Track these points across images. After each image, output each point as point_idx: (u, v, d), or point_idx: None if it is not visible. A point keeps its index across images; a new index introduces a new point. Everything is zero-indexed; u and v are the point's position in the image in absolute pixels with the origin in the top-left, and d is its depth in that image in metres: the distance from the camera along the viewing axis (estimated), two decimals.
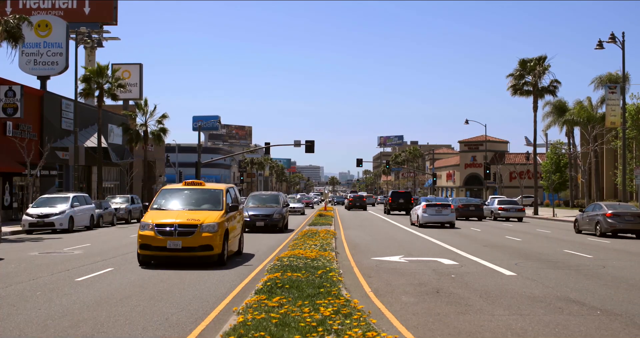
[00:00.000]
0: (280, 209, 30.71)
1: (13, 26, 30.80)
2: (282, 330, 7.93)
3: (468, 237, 28.71)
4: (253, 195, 33.42)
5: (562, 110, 63.32)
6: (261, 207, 30.91)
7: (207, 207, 17.27)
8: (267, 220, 29.67)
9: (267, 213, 29.94)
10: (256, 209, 30.43)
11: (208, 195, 17.97)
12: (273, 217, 29.80)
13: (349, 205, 73.95)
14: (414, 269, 16.31)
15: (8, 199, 39.94)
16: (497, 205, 47.25)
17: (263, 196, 33.02)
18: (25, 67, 50.23)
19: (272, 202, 31.65)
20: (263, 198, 32.34)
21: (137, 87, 64.34)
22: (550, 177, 65.84)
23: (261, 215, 29.79)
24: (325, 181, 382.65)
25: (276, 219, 29.85)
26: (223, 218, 16.69)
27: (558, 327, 9.63)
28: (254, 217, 29.61)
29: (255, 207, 30.77)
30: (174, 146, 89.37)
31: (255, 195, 33.60)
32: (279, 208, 30.73)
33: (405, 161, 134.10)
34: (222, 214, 16.82)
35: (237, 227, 18.64)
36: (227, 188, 18.59)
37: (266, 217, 29.76)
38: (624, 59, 40.10)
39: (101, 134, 46.21)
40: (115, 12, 61.52)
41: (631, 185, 48.65)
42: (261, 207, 30.80)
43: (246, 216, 28.12)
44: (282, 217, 30.28)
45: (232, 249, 18.02)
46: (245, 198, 36.12)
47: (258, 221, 29.51)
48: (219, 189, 18.22)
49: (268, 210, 30.30)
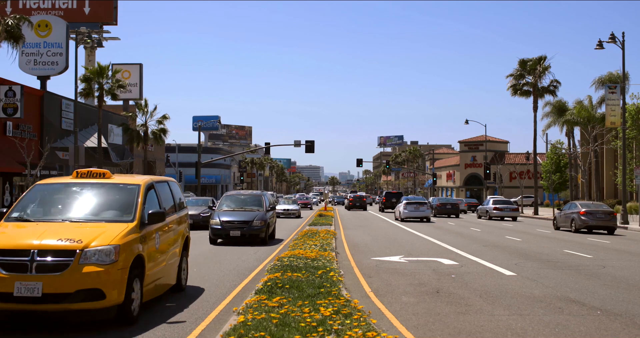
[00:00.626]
0: (263, 214, 24.08)
1: (13, 26, 30.82)
2: (282, 330, 7.93)
3: (468, 237, 28.71)
4: (228, 196, 26.71)
5: (562, 110, 63.26)
6: (238, 211, 24.51)
7: (109, 216, 10.39)
8: (245, 229, 23.26)
9: (244, 220, 23.54)
10: (231, 214, 24.04)
11: (114, 196, 10.95)
12: (253, 225, 23.29)
13: (349, 205, 74.01)
14: (414, 269, 16.32)
15: (8, 199, 39.95)
16: (492, 205, 48.72)
17: (241, 197, 26.37)
18: (25, 67, 50.22)
19: (252, 205, 25.14)
20: (241, 200, 25.89)
21: (137, 87, 64.34)
22: (550, 177, 65.83)
23: (237, 222, 23.40)
24: (325, 181, 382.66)
25: (257, 227, 23.32)
26: (132, 236, 9.74)
27: (558, 327, 9.63)
28: (228, 224, 23.35)
29: (229, 212, 24.37)
30: (174, 146, 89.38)
31: (231, 195, 26.88)
32: (261, 213, 24.10)
33: (405, 161, 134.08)
34: (130, 229, 9.82)
35: (172, 249, 11.72)
36: (151, 183, 11.52)
37: (243, 225, 23.38)
38: (624, 59, 40.10)
39: (101, 134, 46.19)
40: (115, 12, 61.52)
41: (631, 185, 48.64)
42: (238, 211, 24.41)
43: (217, 223, 23.33)
44: (265, 224, 23.54)
45: (165, 282, 11.39)
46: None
47: (233, 230, 23.20)
48: (134, 185, 11.09)
49: (246, 215, 23.88)
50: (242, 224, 23.39)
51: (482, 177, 79.20)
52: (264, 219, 23.73)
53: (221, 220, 23.44)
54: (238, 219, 23.56)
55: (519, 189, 69.85)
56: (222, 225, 23.33)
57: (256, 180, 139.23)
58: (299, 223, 38.58)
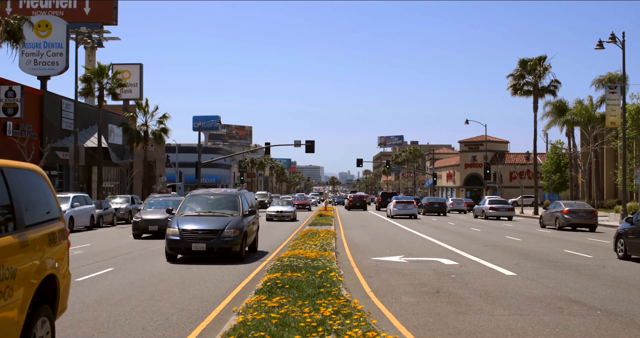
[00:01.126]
0: (239, 220, 18.44)
1: (13, 26, 30.82)
2: (282, 330, 7.93)
3: (468, 237, 28.72)
4: (194, 196, 20.45)
5: (562, 110, 63.25)
6: (205, 216, 18.80)
7: None
8: (214, 240, 17.58)
9: (212, 228, 17.80)
10: (195, 220, 18.27)
11: None
12: (224, 235, 17.65)
13: (349, 205, 74.02)
14: (414, 269, 16.32)
15: None
16: (488, 204, 49.85)
17: (210, 197, 20.19)
18: (26, 67, 50.27)
19: (225, 208, 19.34)
20: (210, 201, 19.86)
21: (137, 87, 64.38)
22: (551, 177, 65.83)
23: (202, 232, 17.72)
24: (326, 181, 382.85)
25: (229, 238, 17.66)
26: None
27: (558, 327, 9.63)
28: (189, 234, 17.65)
29: (193, 217, 18.61)
30: (174, 146, 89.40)
31: (197, 195, 20.58)
32: (235, 219, 18.41)
33: (405, 161, 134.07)
34: None
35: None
36: None
37: (211, 235, 17.69)
38: (624, 59, 40.08)
39: (101, 134, 46.20)
40: (115, 12, 61.59)
41: (631, 185, 48.63)
42: (205, 217, 18.72)
43: (175, 233, 17.65)
44: (240, 233, 18.01)
45: None
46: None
47: (196, 242, 17.53)
48: None
49: (215, 222, 18.09)
50: (208, 234, 17.70)
51: (482, 177, 79.23)
52: (240, 227, 18.10)
53: (181, 229, 17.69)
54: (203, 227, 17.85)
55: (519, 189, 69.88)
56: (182, 235, 17.58)
57: (256, 180, 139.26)
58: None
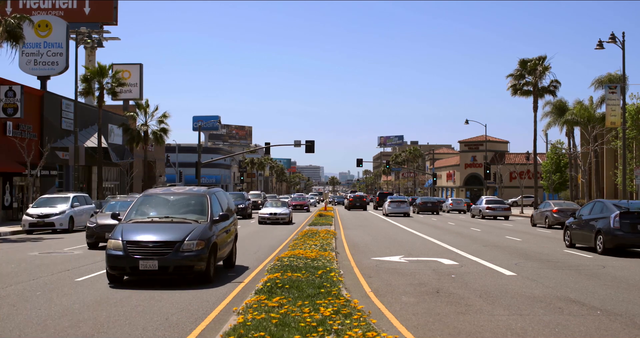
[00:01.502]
0: (205, 229, 14.03)
1: (13, 26, 30.80)
2: (282, 330, 7.93)
3: (468, 237, 28.71)
4: (148, 196, 15.72)
5: (562, 110, 63.20)
6: (160, 222, 14.31)
7: None
8: (169, 257, 13.20)
9: (168, 240, 13.41)
10: (146, 229, 13.89)
11: None
12: (182, 249, 13.33)
13: (348, 205, 74.00)
14: (414, 269, 16.31)
15: (8, 199, 39.94)
16: (485, 204, 50.69)
17: (170, 198, 15.58)
18: (26, 67, 50.25)
19: (188, 212, 14.86)
20: (170, 204, 15.34)
21: (137, 87, 64.34)
22: (551, 177, 65.81)
23: (153, 245, 13.35)
24: (326, 181, 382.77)
25: (190, 253, 13.31)
26: None
27: (558, 327, 9.63)
28: (136, 248, 13.33)
29: (144, 224, 14.21)
30: (174, 146, 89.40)
31: (153, 195, 15.83)
32: (201, 227, 14.01)
33: (405, 161, 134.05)
34: None
35: None
36: None
37: (166, 248, 13.31)
38: (624, 59, 40.06)
39: (101, 134, 46.18)
40: (115, 12, 61.57)
41: (631, 185, 48.60)
42: (160, 224, 14.23)
43: (117, 246, 13.35)
44: (205, 246, 13.57)
45: None
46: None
47: (145, 258, 13.18)
48: None
49: (173, 232, 13.68)
50: (162, 247, 13.16)
51: (482, 177, 79.20)
52: (206, 238, 13.61)
53: (125, 241, 13.24)
54: (156, 239, 13.30)
55: (519, 189, 69.87)
56: (127, 249, 13.13)
57: (256, 180, 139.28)
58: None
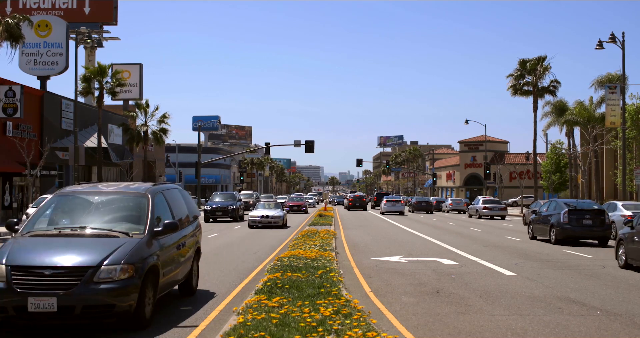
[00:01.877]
0: (138, 246, 9.31)
1: (13, 26, 30.81)
2: (282, 330, 7.92)
3: (468, 237, 28.71)
4: (62, 196, 10.75)
5: (562, 110, 63.18)
6: (70, 236, 9.56)
7: None
8: (75, 290, 8.40)
9: (74, 265, 8.65)
10: (46, 247, 9.10)
11: None
12: (96, 281, 8.53)
13: (348, 205, 73.93)
14: (414, 269, 16.31)
15: (8, 199, 39.93)
16: (482, 204, 51.12)
17: (95, 200, 10.63)
18: (25, 67, 50.23)
19: (115, 220, 10.17)
20: (93, 207, 10.48)
21: (137, 87, 64.32)
22: (550, 177, 65.79)
23: (50, 272, 8.53)
24: (325, 181, 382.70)
25: (107, 285, 8.53)
26: None
27: (558, 327, 9.63)
28: (27, 278, 8.51)
29: (48, 238, 9.52)
30: (174, 146, 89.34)
31: (69, 195, 10.89)
32: (131, 243, 9.25)
33: (405, 161, 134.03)
34: None
35: None
36: None
37: (70, 278, 8.51)
38: (624, 59, 40.08)
39: (101, 134, 46.17)
40: (115, 12, 61.55)
41: (631, 185, 48.59)
42: (70, 237, 9.50)
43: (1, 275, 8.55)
44: (137, 273, 8.89)
45: None
46: None
47: (37, 295, 8.34)
48: None
49: (85, 252, 8.90)
50: (65, 276, 8.60)
51: (482, 177, 79.16)
52: (136, 260, 9.07)
53: (9, 267, 8.66)
54: (56, 263, 8.74)
55: (519, 189, 69.84)
56: (11, 280, 8.55)
57: (256, 180, 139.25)
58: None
